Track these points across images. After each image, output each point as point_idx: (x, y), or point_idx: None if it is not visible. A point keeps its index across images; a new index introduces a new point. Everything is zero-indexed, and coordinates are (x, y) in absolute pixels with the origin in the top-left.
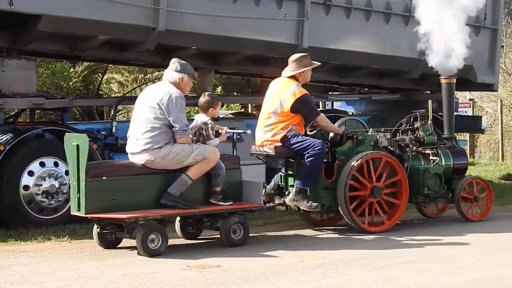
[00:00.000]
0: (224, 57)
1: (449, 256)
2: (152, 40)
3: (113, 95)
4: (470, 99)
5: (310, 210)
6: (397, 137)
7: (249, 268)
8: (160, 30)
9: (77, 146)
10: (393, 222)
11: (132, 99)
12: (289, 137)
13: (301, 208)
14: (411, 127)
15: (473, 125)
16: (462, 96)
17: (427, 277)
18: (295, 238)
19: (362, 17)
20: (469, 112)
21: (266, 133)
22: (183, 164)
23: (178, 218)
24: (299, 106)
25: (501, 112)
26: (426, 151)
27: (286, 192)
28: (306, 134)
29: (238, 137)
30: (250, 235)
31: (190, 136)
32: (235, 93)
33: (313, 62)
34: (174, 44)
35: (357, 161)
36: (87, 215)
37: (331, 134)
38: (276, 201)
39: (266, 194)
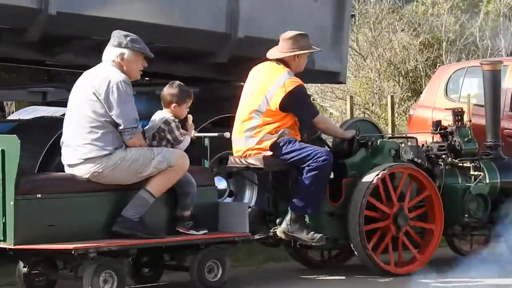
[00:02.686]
0: None
1: None
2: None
3: None
4: None
5: (312, 244)
6: (424, 146)
7: None
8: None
9: (2, 151)
10: (428, 257)
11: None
12: (281, 144)
13: (299, 241)
14: (442, 131)
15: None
16: None
17: None
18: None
19: None
20: None
21: (249, 139)
22: (142, 176)
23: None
24: (291, 102)
25: (352, 114)
26: (464, 164)
27: (277, 221)
28: (303, 141)
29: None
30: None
31: (147, 141)
32: None
33: (313, 46)
34: None
35: (377, 175)
36: (15, 246)
37: (334, 140)
38: (260, 233)
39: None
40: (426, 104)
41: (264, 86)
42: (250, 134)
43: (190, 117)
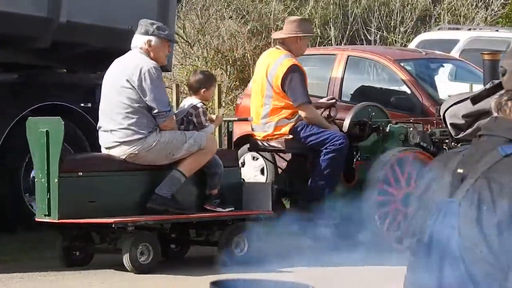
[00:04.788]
0: None
1: None
2: None
3: None
4: None
5: (328, 223)
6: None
7: None
8: None
9: (47, 132)
10: None
11: None
12: (299, 128)
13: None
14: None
15: None
16: None
17: None
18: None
19: None
20: None
21: (265, 125)
22: (174, 157)
23: None
24: (284, 82)
25: (178, 102)
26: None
27: (286, 201)
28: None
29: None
30: None
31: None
32: None
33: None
34: None
35: (393, 155)
36: (59, 221)
37: (345, 124)
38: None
39: None
40: None
41: (266, 71)
42: (266, 121)
43: (220, 112)
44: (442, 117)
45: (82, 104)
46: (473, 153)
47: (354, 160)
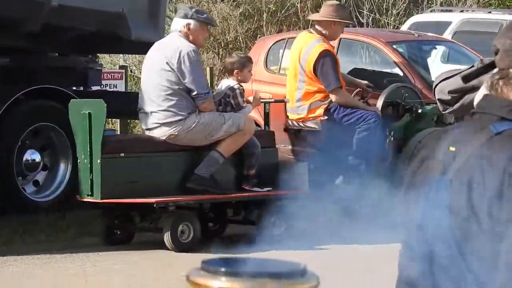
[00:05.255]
0: None
1: None
2: None
3: None
4: (122, 67)
5: (363, 203)
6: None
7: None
8: None
9: (89, 114)
10: None
11: None
12: (332, 110)
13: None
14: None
15: (125, 106)
16: (110, 63)
17: None
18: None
19: None
20: (120, 87)
21: (299, 108)
22: (213, 138)
23: None
24: (316, 67)
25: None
26: None
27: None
28: None
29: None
30: None
31: None
32: None
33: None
34: None
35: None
36: (102, 201)
37: (378, 104)
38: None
39: None
40: None
41: (299, 55)
42: (299, 104)
43: (258, 92)
44: (433, 93)
45: (74, 88)
46: (465, 131)
47: (387, 140)
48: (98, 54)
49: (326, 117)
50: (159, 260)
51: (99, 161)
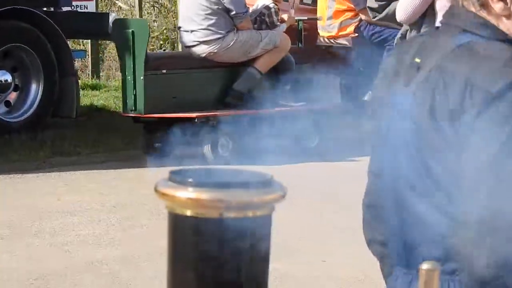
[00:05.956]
0: None
1: None
2: None
3: None
4: None
5: None
6: None
7: None
8: None
9: (133, 33)
10: None
11: None
12: (362, 28)
13: None
14: None
15: (97, 27)
16: None
17: None
18: None
19: None
20: (91, 8)
21: (329, 26)
22: (250, 55)
23: None
24: None
25: (141, 7)
26: None
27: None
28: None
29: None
30: None
31: None
32: None
33: None
34: None
35: None
36: (145, 115)
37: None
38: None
39: None
40: None
41: None
42: (330, 22)
43: (292, 12)
44: None
45: (44, 9)
46: (429, 43)
47: None
48: None
49: (356, 34)
50: (134, 179)
51: (142, 77)
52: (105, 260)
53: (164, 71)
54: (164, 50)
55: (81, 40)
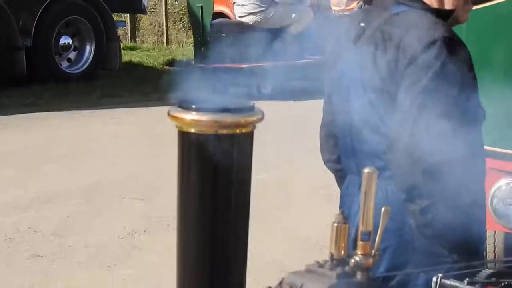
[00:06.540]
0: None
1: None
2: None
3: None
4: None
5: None
6: None
7: None
8: None
9: (201, 7)
10: None
11: None
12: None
13: None
14: None
15: (133, 4)
16: None
17: None
18: None
19: None
20: None
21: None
22: (283, 24)
23: None
24: None
25: None
26: None
27: None
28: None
29: None
30: None
31: None
32: None
33: None
34: None
35: None
36: (211, 65)
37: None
38: None
39: None
40: None
41: None
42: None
43: None
44: None
45: None
46: (371, 12)
47: None
48: None
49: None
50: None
51: (208, 38)
52: (142, 171)
53: (223, 34)
54: None
55: (122, 14)
